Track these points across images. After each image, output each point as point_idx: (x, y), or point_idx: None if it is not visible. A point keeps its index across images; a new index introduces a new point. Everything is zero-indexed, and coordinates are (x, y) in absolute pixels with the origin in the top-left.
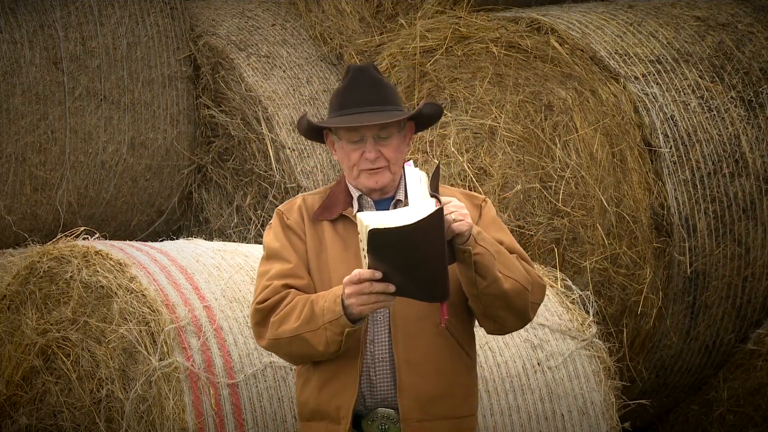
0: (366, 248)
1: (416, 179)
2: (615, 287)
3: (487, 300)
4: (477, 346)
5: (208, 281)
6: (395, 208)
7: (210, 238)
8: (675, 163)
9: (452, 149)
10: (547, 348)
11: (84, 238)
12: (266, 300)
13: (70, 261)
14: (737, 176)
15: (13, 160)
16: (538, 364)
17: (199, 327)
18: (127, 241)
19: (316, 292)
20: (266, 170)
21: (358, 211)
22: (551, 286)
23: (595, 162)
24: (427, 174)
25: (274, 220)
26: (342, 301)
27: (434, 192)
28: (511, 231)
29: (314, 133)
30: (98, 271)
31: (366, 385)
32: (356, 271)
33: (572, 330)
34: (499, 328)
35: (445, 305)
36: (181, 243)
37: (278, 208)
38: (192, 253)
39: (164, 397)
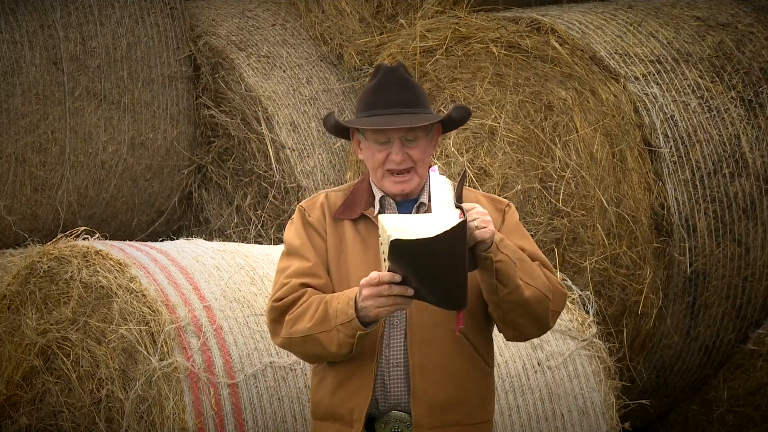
0: (386, 254)
1: (441, 186)
2: (615, 287)
3: (507, 307)
4: None
5: (208, 281)
6: (418, 211)
7: (210, 238)
8: (675, 163)
9: (452, 149)
10: (547, 348)
11: (84, 238)
12: (283, 298)
13: (70, 261)
14: (737, 176)
15: (13, 160)
16: (538, 364)
17: (199, 327)
18: (127, 241)
19: (333, 292)
20: (266, 170)
21: (379, 212)
22: None
23: (595, 162)
24: (453, 181)
25: (296, 217)
26: (355, 303)
27: (458, 202)
28: None
29: (340, 130)
30: (98, 271)
31: (380, 389)
32: (375, 274)
33: (572, 330)
34: (518, 335)
35: (461, 314)
36: (181, 243)
37: (301, 204)
38: (192, 253)
39: (164, 397)
